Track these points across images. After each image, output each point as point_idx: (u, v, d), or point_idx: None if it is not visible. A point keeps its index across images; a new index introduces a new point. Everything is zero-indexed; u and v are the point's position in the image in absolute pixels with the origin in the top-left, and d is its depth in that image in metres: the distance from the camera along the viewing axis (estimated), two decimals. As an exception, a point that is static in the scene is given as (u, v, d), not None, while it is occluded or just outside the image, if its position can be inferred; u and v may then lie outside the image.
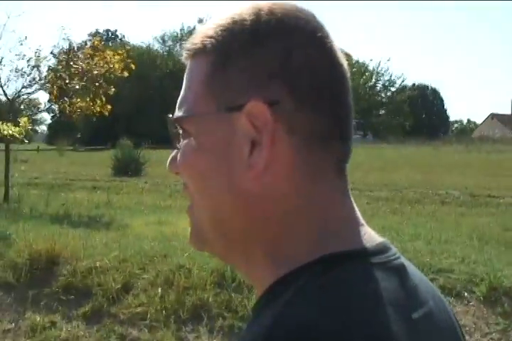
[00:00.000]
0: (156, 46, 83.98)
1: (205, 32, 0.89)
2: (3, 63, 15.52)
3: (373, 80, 76.47)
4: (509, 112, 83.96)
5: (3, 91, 15.59)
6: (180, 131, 0.90)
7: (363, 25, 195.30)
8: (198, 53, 0.89)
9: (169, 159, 0.92)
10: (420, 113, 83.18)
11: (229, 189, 0.85)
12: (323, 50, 0.86)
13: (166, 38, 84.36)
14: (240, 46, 0.85)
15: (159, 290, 6.60)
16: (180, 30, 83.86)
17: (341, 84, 0.87)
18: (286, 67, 0.83)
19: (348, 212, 0.87)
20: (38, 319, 6.38)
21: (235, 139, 0.83)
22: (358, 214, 0.87)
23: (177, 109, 0.90)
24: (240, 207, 0.84)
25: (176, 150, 0.91)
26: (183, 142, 0.89)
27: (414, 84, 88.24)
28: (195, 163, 0.86)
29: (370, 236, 0.85)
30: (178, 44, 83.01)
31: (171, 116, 0.91)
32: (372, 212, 11.05)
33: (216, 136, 0.85)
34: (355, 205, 0.88)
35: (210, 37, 0.87)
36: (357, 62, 72.50)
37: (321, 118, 0.84)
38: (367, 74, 74.29)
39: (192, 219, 0.91)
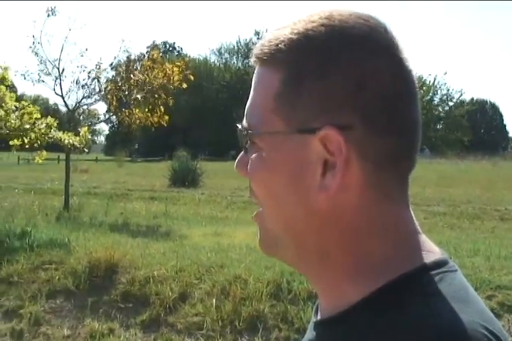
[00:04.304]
0: (213, 58, 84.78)
1: (276, 42, 0.87)
2: (64, 74, 15.86)
3: (430, 94, 75.57)
4: None
5: (65, 101, 15.93)
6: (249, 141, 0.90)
7: (421, 38, 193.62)
8: (268, 63, 0.88)
9: (237, 160, 0.93)
10: (479, 128, 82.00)
11: (301, 207, 0.86)
12: (393, 66, 0.85)
13: (222, 51, 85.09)
14: (314, 67, 0.84)
15: (215, 300, 6.64)
16: (237, 42, 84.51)
17: (410, 100, 0.86)
18: (359, 93, 0.83)
19: (414, 224, 0.89)
20: (97, 326, 6.46)
21: (307, 160, 0.85)
22: (417, 224, 0.91)
23: (245, 116, 0.91)
24: (313, 223, 0.86)
25: (243, 153, 0.93)
26: (252, 152, 0.89)
27: (472, 99, 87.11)
28: (266, 178, 0.88)
29: (431, 245, 0.89)
30: (234, 56, 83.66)
31: (240, 126, 0.91)
32: (429, 227, 10.90)
33: (287, 154, 0.86)
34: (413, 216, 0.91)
35: (282, 50, 0.86)
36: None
37: (391, 140, 0.84)
38: (424, 88, 73.46)
39: (262, 226, 0.92)
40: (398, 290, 0.82)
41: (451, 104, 78.31)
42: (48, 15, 14.87)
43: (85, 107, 17.13)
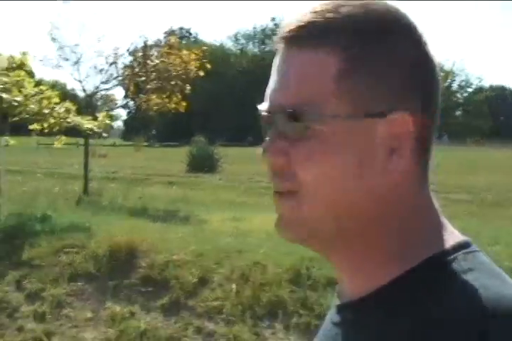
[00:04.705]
0: (229, 44, 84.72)
1: (325, 24, 0.84)
2: (82, 60, 15.91)
3: (449, 80, 75.01)
4: None
5: (82, 86, 15.99)
6: (292, 124, 0.85)
7: (438, 23, 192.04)
8: (316, 45, 0.84)
9: (269, 146, 0.87)
10: (499, 115, 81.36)
11: (361, 191, 0.85)
12: (428, 49, 0.87)
13: (239, 37, 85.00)
14: (374, 51, 0.84)
15: (235, 285, 6.66)
16: (253, 28, 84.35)
17: (439, 85, 0.88)
18: (415, 76, 0.84)
19: (437, 207, 0.91)
20: (118, 309, 6.51)
21: (371, 144, 0.84)
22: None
23: (285, 99, 0.85)
24: (369, 207, 0.86)
25: (274, 138, 0.87)
26: (304, 137, 0.84)
27: (491, 86, 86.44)
28: (326, 163, 0.84)
29: (452, 227, 0.91)
30: (251, 42, 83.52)
31: (291, 110, 0.84)
32: (449, 215, 10.61)
33: (350, 138, 0.84)
34: None
35: (336, 32, 0.83)
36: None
37: (433, 123, 0.87)
38: (442, 74, 72.72)
39: (293, 210, 0.87)
40: (432, 269, 0.83)
41: (469, 90, 77.82)
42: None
43: (103, 92, 17.21)
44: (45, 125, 10.84)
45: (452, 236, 0.88)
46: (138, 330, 6.12)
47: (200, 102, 58.81)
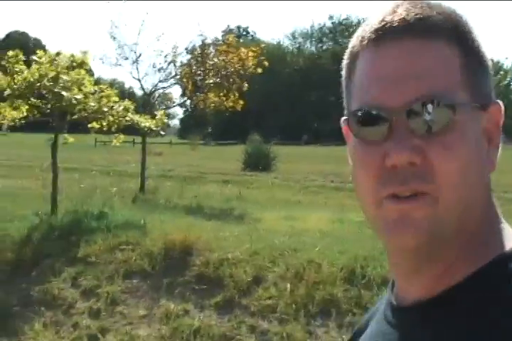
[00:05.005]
0: (286, 43, 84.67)
1: (439, 17, 0.86)
2: (141, 58, 16.08)
3: (508, 79, 73.73)
4: None
5: (141, 85, 16.16)
6: (428, 117, 0.81)
7: (499, 20, 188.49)
8: (433, 37, 0.85)
9: (407, 147, 0.80)
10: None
11: (481, 181, 0.87)
12: None
13: (296, 35, 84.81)
14: (479, 47, 0.90)
15: (289, 283, 6.64)
16: (311, 27, 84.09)
17: None
18: (490, 68, 0.92)
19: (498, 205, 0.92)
20: (172, 306, 6.56)
21: (479, 135, 0.86)
22: None
23: (429, 90, 0.82)
24: (480, 200, 0.87)
25: (397, 138, 0.82)
26: (444, 129, 0.82)
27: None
28: (463, 154, 0.82)
29: None
30: (308, 41, 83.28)
31: (435, 101, 0.82)
32: (506, 215, 10.57)
33: (471, 128, 0.85)
34: None
35: (452, 25, 0.87)
36: (491, 60, 70.09)
37: None
38: (501, 73, 71.57)
39: (427, 211, 0.82)
40: (503, 270, 0.81)
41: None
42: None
43: (161, 91, 17.37)
44: (104, 123, 10.97)
45: None
46: (191, 328, 6.16)
47: (256, 100, 58.90)
